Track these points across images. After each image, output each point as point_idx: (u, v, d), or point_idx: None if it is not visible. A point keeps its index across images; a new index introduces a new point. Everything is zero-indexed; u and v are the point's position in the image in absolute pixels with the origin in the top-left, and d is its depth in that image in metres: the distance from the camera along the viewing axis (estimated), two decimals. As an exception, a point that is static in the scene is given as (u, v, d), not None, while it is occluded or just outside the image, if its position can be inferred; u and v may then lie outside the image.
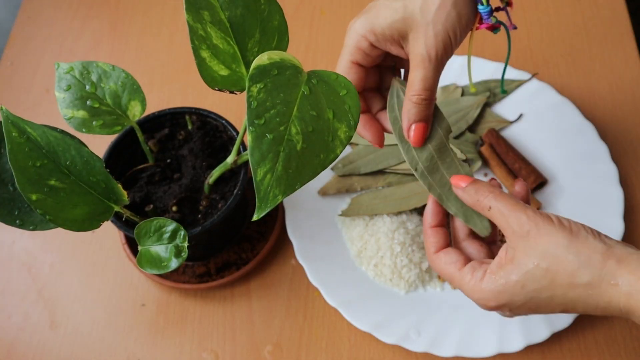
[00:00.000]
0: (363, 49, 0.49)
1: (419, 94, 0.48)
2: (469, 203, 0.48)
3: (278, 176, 0.42)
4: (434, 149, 0.49)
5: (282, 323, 0.66)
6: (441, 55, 0.47)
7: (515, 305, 0.45)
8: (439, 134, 0.50)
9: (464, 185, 0.48)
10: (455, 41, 0.47)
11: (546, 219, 0.44)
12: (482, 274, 0.46)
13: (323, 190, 0.72)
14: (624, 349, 0.63)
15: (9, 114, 0.47)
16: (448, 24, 0.46)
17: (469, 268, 0.47)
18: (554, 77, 0.80)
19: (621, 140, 0.74)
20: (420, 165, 0.49)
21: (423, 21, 0.46)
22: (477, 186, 0.47)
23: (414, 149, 0.50)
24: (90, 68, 0.58)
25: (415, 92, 0.48)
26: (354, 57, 0.50)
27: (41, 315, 0.68)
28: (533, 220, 0.44)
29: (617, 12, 0.84)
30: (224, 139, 0.65)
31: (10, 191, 0.51)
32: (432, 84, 0.48)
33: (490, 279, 0.45)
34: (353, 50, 0.50)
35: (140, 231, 0.53)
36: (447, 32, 0.46)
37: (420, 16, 0.46)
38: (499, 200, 0.46)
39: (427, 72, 0.47)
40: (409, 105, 0.48)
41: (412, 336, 0.62)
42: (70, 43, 0.88)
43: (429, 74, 0.47)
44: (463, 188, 0.48)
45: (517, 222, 0.44)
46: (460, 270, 0.47)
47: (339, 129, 0.44)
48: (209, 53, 0.48)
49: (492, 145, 0.72)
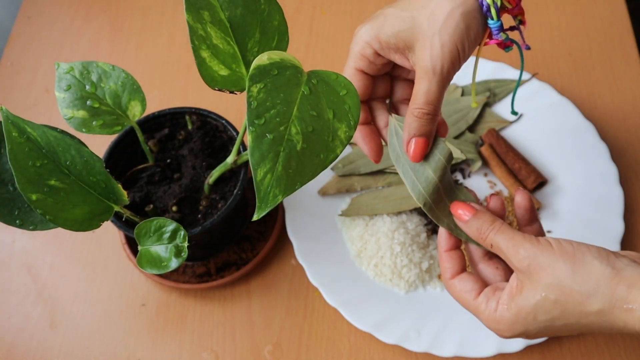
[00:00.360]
0: (367, 56, 0.48)
1: (421, 107, 0.46)
2: (473, 237, 0.47)
3: (278, 176, 0.42)
4: (438, 179, 0.48)
5: (282, 323, 0.66)
6: (447, 69, 0.45)
7: (532, 333, 0.44)
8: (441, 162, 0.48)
9: (467, 219, 0.46)
10: (463, 54, 0.46)
11: (546, 249, 0.42)
12: (495, 305, 0.45)
13: (323, 190, 0.72)
14: (623, 349, 0.63)
15: (9, 114, 0.47)
16: (456, 36, 0.44)
17: (483, 297, 0.46)
18: (554, 77, 0.80)
19: (621, 140, 0.74)
20: (429, 199, 0.48)
21: (430, 31, 0.45)
22: (479, 222, 0.46)
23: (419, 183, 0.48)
24: (90, 68, 0.58)
25: (418, 105, 0.46)
26: (358, 64, 0.49)
27: (41, 315, 0.68)
28: (531, 254, 0.42)
29: (617, 12, 0.84)
30: (224, 139, 0.65)
31: (10, 191, 0.51)
32: (435, 98, 0.46)
33: (503, 310, 0.44)
34: (357, 57, 0.49)
35: (140, 231, 0.53)
36: (454, 43, 0.45)
37: (427, 26, 0.45)
38: (498, 235, 0.44)
39: (431, 86, 0.45)
40: (410, 119, 0.47)
41: (412, 336, 0.62)
42: (70, 43, 0.88)
43: (433, 88, 0.45)
44: (465, 222, 0.46)
45: (516, 258, 0.43)
46: (474, 300, 0.46)
47: (339, 129, 0.44)
48: (209, 53, 0.48)
49: (492, 145, 0.72)
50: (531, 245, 0.43)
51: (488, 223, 0.45)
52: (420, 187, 0.48)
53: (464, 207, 0.47)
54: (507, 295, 0.44)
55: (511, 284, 0.44)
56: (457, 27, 0.44)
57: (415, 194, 0.48)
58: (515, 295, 0.43)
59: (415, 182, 0.48)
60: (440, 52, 0.44)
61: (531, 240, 0.43)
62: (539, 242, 0.43)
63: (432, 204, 0.48)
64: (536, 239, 0.43)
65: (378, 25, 0.47)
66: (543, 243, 0.43)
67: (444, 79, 0.45)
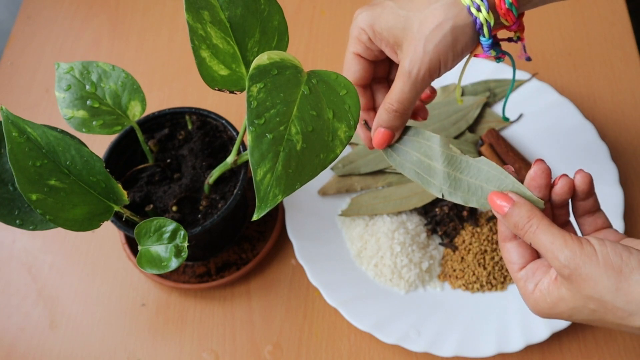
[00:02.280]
0: (363, 41, 0.50)
1: (392, 104, 0.48)
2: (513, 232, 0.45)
3: (278, 176, 0.42)
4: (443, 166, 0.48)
5: (282, 323, 0.66)
6: (422, 75, 0.46)
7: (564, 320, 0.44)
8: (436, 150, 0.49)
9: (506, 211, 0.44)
10: (445, 64, 0.47)
11: (589, 259, 0.39)
12: (532, 288, 0.43)
13: (323, 190, 0.72)
14: (624, 349, 0.63)
15: (9, 113, 0.47)
16: (440, 46, 0.45)
17: (523, 274, 0.44)
18: (554, 77, 0.80)
19: (621, 140, 0.74)
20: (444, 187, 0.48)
21: (417, 36, 0.46)
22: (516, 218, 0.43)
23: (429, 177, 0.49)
24: (90, 68, 0.58)
25: (390, 101, 0.48)
26: (356, 48, 0.50)
27: (41, 315, 0.68)
28: (573, 263, 0.40)
29: (617, 12, 0.84)
30: (224, 139, 0.65)
31: (10, 191, 0.51)
32: (406, 99, 0.47)
33: (539, 296, 0.43)
34: (355, 41, 0.50)
35: (140, 231, 0.53)
36: (437, 53, 0.45)
37: (417, 30, 0.46)
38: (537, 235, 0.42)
39: (405, 87, 0.47)
40: (381, 111, 0.49)
41: (412, 336, 0.62)
42: (70, 43, 0.88)
43: (406, 89, 0.47)
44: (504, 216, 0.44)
45: (556, 265, 0.41)
46: (516, 272, 0.45)
47: (339, 129, 0.44)
48: (209, 53, 0.48)
49: (492, 145, 0.72)
50: (572, 254, 0.40)
51: (525, 219, 0.43)
52: (433, 181, 0.49)
53: (502, 197, 0.44)
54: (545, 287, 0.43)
55: (551, 276, 0.43)
56: (443, 39, 0.45)
57: (430, 188, 0.49)
58: (552, 291, 0.42)
59: (426, 178, 0.49)
60: (420, 59, 0.46)
61: (573, 246, 0.40)
62: (582, 250, 0.40)
63: (450, 189, 0.48)
64: (579, 244, 0.40)
65: (375, 15, 0.48)
66: (587, 251, 0.40)
67: (417, 84, 0.47)
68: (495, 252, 0.67)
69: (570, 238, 0.41)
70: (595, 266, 0.39)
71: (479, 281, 0.66)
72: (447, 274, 0.67)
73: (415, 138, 0.50)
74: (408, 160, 0.50)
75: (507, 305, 0.64)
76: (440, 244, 0.69)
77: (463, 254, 0.67)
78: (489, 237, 0.67)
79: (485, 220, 0.69)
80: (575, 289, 0.40)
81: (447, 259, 0.68)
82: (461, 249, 0.67)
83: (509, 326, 0.62)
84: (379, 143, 0.50)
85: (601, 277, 0.39)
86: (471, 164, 0.48)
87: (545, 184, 0.45)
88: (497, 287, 0.66)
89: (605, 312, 0.40)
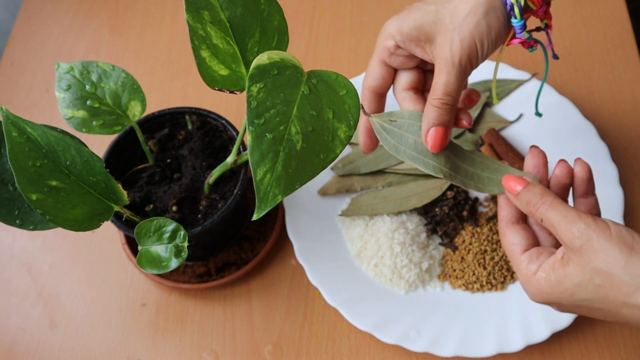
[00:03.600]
0: (388, 47, 0.50)
1: (440, 98, 0.47)
2: (523, 210, 0.46)
3: (278, 176, 0.42)
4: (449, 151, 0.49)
5: (282, 323, 0.66)
6: (465, 63, 0.46)
7: (563, 306, 0.44)
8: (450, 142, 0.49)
9: (518, 190, 0.46)
10: (482, 51, 0.47)
11: (603, 232, 0.41)
12: (535, 269, 0.44)
13: (323, 190, 0.72)
14: (624, 349, 0.63)
15: (9, 113, 0.47)
16: (475, 32, 0.46)
17: (526, 257, 0.46)
18: (554, 77, 0.80)
19: (621, 140, 0.74)
20: (445, 169, 0.49)
21: (451, 25, 0.46)
22: (529, 195, 0.45)
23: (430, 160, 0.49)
24: (90, 68, 0.58)
25: (437, 96, 0.47)
26: (381, 55, 0.51)
27: (41, 315, 0.68)
28: (585, 234, 0.41)
29: (617, 12, 0.84)
30: (224, 139, 0.65)
31: (10, 191, 0.51)
32: (454, 89, 0.47)
33: (541, 277, 0.44)
34: (381, 48, 0.50)
35: (140, 231, 0.53)
36: (473, 39, 0.46)
37: (449, 21, 0.46)
38: (550, 210, 0.43)
39: (450, 77, 0.47)
40: (429, 109, 0.47)
41: (412, 336, 0.62)
42: (70, 43, 0.88)
43: (452, 79, 0.47)
44: (516, 195, 0.46)
45: (567, 237, 0.42)
46: (519, 255, 0.46)
47: (339, 129, 0.44)
48: (209, 53, 0.48)
49: (492, 145, 0.72)
50: (586, 226, 0.41)
51: (538, 196, 0.44)
52: (432, 162, 0.49)
53: (515, 179, 0.46)
54: (550, 265, 0.44)
55: (557, 255, 0.44)
56: (477, 24, 0.46)
57: (429, 170, 0.50)
58: (557, 268, 0.43)
59: (426, 160, 0.50)
60: (459, 46, 0.46)
61: (587, 219, 0.42)
62: (596, 223, 0.41)
63: (450, 172, 0.49)
64: (593, 218, 0.42)
65: (402, 17, 0.49)
66: (601, 225, 0.41)
67: (462, 72, 0.47)
68: (495, 252, 0.67)
69: (583, 213, 0.42)
70: (608, 240, 0.41)
71: (479, 281, 0.66)
72: (447, 274, 0.67)
73: (411, 121, 0.50)
74: (404, 144, 0.50)
75: (507, 305, 0.64)
76: (440, 244, 0.69)
77: (463, 254, 0.67)
78: (489, 237, 0.67)
79: (485, 220, 0.69)
80: (584, 262, 0.41)
81: (447, 259, 0.68)
82: (461, 249, 0.67)
83: (509, 326, 0.62)
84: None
85: (612, 250, 0.40)
86: (465, 154, 0.49)
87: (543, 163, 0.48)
88: (497, 287, 0.66)
89: (611, 287, 0.40)
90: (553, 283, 0.43)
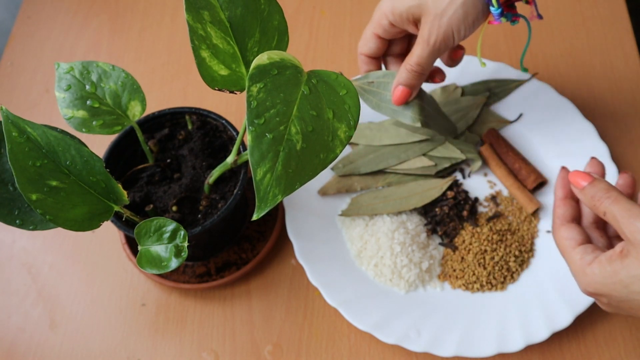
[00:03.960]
0: (383, 25, 0.59)
1: (412, 65, 0.58)
2: (585, 204, 0.49)
3: (278, 176, 0.42)
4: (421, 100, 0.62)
5: (282, 323, 0.66)
6: (439, 44, 0.56)
7: (614, 300, 0.45)
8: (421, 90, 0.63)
9: (584, 185, 0.49)
10: (458, 35, 0.55)
11: None
12: (591, 259, 0.46)
13: (323, 190, 0.72)
14: (624, 349, 0.63)
15: (9, 113, 0.47)
16: (453, 20, 0.54)
17: (582, 249, 0.48)
18: (554, 77, 0.80)
19: (621, 140, 0.74)
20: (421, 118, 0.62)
21: (432, 11, 0.54)
22: (594, 190, 0.48)
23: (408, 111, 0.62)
24: (90, 68, 0.58)
25: (410, 63, 0.58)
26: (376, 30, 0.60)
27: (41, 315, 0.68)
28: None
29: (617, 12, 0.84)
30: (224, 139, 0.65)
31: (10, 191, 0.51)
32: (424, 62, 0.57)
33: (596, 268, 0.45)
34: (375, 24, 0.60)
35: (140, 231, 0.53)
36: (450, 26, 0.54)
37: (432, 7, 0.54)
38: (614, 204, 0.46)
39: (423, 52, 0.56)
40: (402, 71, 0.59)
41: (412, 336, 0.62)
42: (70, 43, 0.88)
43: (424, 54, 0.57)
44: (581, 189, 0.49)
45: (629, 230, 0.44)
46: (573, 249, 0.48)
47: (339, 129, 0.44)
48: (209, 53, 0.48)
49: (492, 145, 0.72)
50: None
51: (603, 191, 0.47)
52: (410, 113, 0.62)
53: (582, 175, 0.49)
54: (607, 257, 0.45)
55: (615, 249, 0.45)
56: (455, 13, 0.54)
57: (408, 120, 0.62)
58: (614, 260, 0.45)
59: (404, 112, 0.62)
60: (436, 31, 0.55)
61: None
62: None
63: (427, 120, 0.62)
64: None
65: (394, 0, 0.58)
66: None
67: (435, 51, 0.56)
68: (495, 252, 0.67)
69: None
70: None
71: (479, 281, 0.66)
72: (447, 274, 0.67)
73: (387, 80, 0.61)
74: (383, 100, 0.62)
75: (507, 305, 0.64)
76: (440, 244, 0.69)
77: (463, 254, 0.67)
78: (489, 237, 0.67)
79: (485, 220, 0.69)
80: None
81: (447, 259, 0.68)
82: (461, 249, 0.67)
83: (509, 326, 0.62)
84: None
85: None
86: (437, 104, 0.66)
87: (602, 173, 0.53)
88: (497, 287, 0.66)
89: None
90: (608, 273, 0.44)
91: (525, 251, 0.67)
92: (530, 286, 0.65)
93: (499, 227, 0.68)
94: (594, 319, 0.64)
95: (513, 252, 0.67)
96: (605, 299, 0.46)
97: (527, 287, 0.65)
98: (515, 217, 0.69)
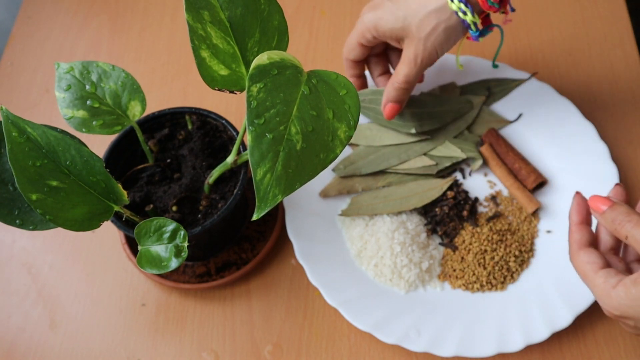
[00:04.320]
0: (367, 37, 0.64)
1: (399, 83, 0.63)
2: (606, 228, 0.50)
3: (278, 176, 0.42)
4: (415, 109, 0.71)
5: (282, 323, 0.66)
6: (425, 62, 0.62)
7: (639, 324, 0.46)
8: None
9: (604, 209, 0.49)
10: (441, 53, 0.62)
11: None
12: (615, 282, 0.46)
13: (324, 192, 0.71)
14: (624, 349, 0.63)
15: (9, 113, 0.47)
16: (436, 43, 0.60)
17: (604, 273, 0.48)
18: (554, 77, 0.80)
19: (621, 140, 0.74)
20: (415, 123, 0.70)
21: (417, 36, 0.60)
22: (614, 214, 0.48)
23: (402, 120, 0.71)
24: (90, 68, 0.58)
25: (397, 80, 0.63)
26: (360, 40, 0.65)
27: (41, 315, 0.68)
28: None
29: (617, 12, 0.84)
30: (224, 139, 0.65)
31: (10, 191, 0.51)
32: (412, 79, 0.63)
33: (621, 290, 0.45)
34: (359, 35, 0.64)
35: (140, 231, 0.53)
36: (434, 48, 0.60)
37: (415, 32, 0.60)
38: (636, 228, 0.47)
39: (411, 71, 0.62)
40: (390, 89, 0.64)
41: (412, 336, 0.62)
42: (70, 43, 0.88)
43: (412, 72, 0.62)
44: (601, 214, 0.49)
45: None
46: (595, 273, 0.48)
47: (339, 129, 0.44)
48: (209, 53, 0.48)
49: (492, 145, 0.72)
50: None
51: (624, 214, 0.48)
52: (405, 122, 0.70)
53: (602, 200, 0.50)
54: (631, 280, 0.46)
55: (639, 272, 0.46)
56: (437, 37, 0.60)
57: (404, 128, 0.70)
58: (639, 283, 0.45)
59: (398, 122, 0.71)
60: (422, 52, 0.61)
61: None
62: None
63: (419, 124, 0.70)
64: None
65: (378, 17, 0.62)
66: None
67: (421, 69, 0.62)
68: (495, 252, 0.67)
69: None
70: None
71: (479, 281, 0.66)
72: (447, 274, 0.67)
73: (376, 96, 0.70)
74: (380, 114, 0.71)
75: (507, 305, 0.64)
76: (440, 244, 0.69)
77: (463, 254, 0.67)
78: (489, 237, 0.67)
79: (485, 221, 0.69)
80: None
81: (447, 259, 0.68)
82: (461, 249, 0.67)
83: (508, 326, 0.62)
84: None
85: None
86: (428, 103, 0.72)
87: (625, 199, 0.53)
88: (497, 287, 0.66)
89: None
90: (633, 296, 0.45)
91: (525, 251, 0.67)
92: (530, 286, 0.65)
93: (499, 227, 0.68)
94: (594, 319, 0.64)
95: (513, 252, 0.67)
96: (631, 322, 0.46)
97: (527, 287, 0.65)
98: (515, 217, 0.69)
